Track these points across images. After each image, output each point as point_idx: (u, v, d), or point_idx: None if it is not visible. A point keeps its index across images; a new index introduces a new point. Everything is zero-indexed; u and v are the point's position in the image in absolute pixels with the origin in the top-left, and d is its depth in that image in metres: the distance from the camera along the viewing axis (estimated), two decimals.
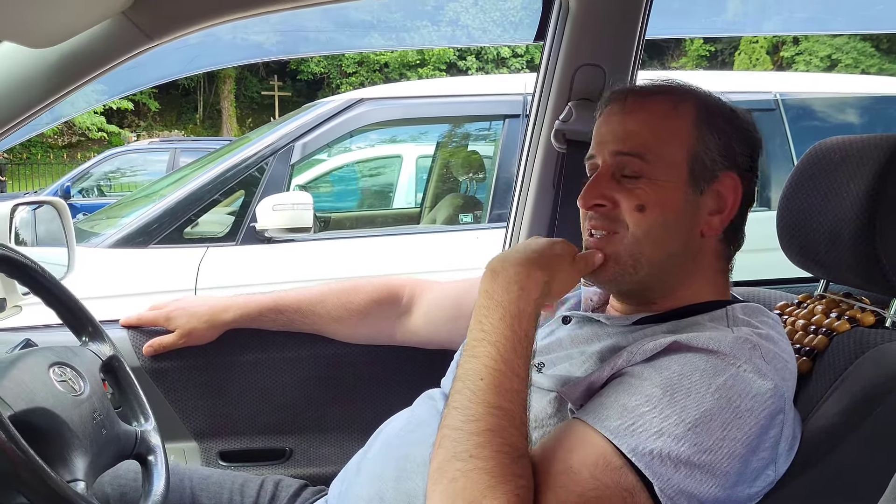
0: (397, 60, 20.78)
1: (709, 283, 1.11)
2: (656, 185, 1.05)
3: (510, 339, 0.93)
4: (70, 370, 1.16)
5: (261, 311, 1.58)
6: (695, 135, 1.07)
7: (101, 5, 1.19)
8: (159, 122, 21.39)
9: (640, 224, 1.05)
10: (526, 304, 0.96)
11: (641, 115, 1.08)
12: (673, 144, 1.06)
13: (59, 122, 2.24)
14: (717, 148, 1.07)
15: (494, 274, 0.99)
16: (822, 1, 2.21)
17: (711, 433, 0.88)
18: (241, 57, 2.17)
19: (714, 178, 1.07)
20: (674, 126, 1.07)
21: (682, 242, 1.07)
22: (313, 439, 1.66)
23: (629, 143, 1.07)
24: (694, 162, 1.06)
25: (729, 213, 1.09)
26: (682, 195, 1.06)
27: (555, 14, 1.60)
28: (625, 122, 1.08)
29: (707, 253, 1.10)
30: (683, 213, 1.06)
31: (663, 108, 1.08)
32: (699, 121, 1.08)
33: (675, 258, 1.07)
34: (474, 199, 4.06)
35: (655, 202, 1.04)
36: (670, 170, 1.05)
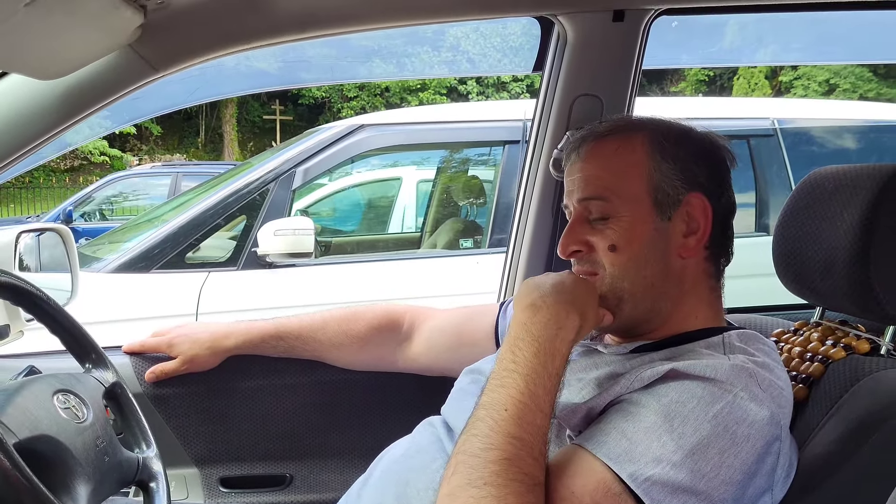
0: (398, 85, 20.90)
1: (701, 304, 1.13)
2: (622, 222, 1.08)
3: (541, 375, 0.95)
4: (74, 397, 1.17)
5: (262, 338, 1.59)
6: (650, 165, 1.10)
7: (109, 39, 1.21)
8: (161, 147, 21.48)
9: (615, 263, 1.08)
10: (562, 345, 0.98)
11: (596, 158, 1.13)
12: (630, 179, 1.10)
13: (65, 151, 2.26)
14: (675, 173, 1.10)
15: (535, 309, 1.01)
16: (818, 31, 2.23)
17: (709, 460, 0.89)
18: (243, 87, 2.20)
19: (678, 202, 1.10)
20: (627, 162, 1.11)
21: (660, 270, 1.09)
22: (314, 466, 1.67)
23: (590, 188, 1.11)
24: (655, 191, 1.09)
25: (703, 232, 1.11)
26: (649, 226, 1.09)
27: (553, 44, 1.62)
28: (583, 168, 1.13)
29: (692, 274, 1.12)
30: (655, 243, 1.09)
31: (614, 146, 1.12)
32: (652, 151, 1.11)
33: (658, 286, 1.10)
34: (475, 223, 4.08)
35: (625, 239, 1.08)
36: (633, 204, 1.09)
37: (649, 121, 1.16)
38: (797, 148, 3.72)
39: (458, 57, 4.21)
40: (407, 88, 20.92)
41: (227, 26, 1.35)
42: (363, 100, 21.24)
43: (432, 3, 1.45)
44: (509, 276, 1.78)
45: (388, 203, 5.14)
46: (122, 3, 1.13)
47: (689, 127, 1.15)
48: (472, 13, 1.51)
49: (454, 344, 1.49)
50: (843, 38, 2.26)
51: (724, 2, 1.54)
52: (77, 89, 1.30)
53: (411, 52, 2.37)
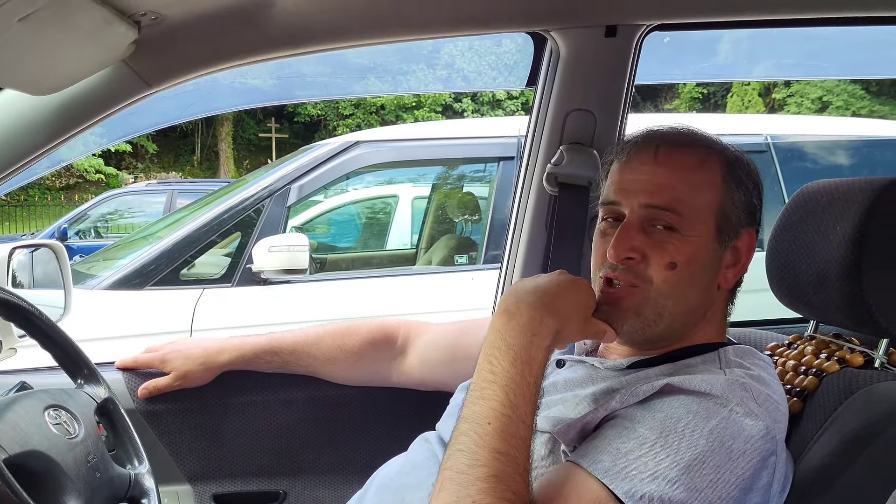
0: (393, 102, 20.99)
1: (714, 325, 1.13)
2: (688, 241, 1.04)
3: (519, 385, 0.92)
4: (65, 413, 1.16)
5: (256, 353, 1.58)
6: (722, 189, 1.07)
7: (103, 54, 1.22)
8: (157, 164, 21.51)
9: (669, 280, 1.04)
10: (537, 352, 0.95)
11: (672, 166, 1.06)
12: (703, 200, 1.06)
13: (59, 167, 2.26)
14: (742, 204, 1.09)
15: (509, 315, 0.98)
16: (811, 46, 2.24)
17: (704, 476, 0.88)
18: (238, 103, 2.20)
19: (738, 234, 1.09)
20: (703, 179, 1.07)
21: (702, 295, 1.08)
22: (308, 482, 1.65)
23: (663, 197, 1.05)
24: (721, 217, 1.07)
25: (743, 266, 1.11)
26: (709, 251, 1.06)
27: (546, 60, 1.63)
28: (656, 173, 1.06)
29: (718, 303, 1.12)
30: (708, 269, 1.07)
31: (693, 160, 1.07)
32: (727, 175, 1.08)
33: (693, 310, 1.08)
34: (469, 240, 4.09)
35: (687, 260, 1.04)
36: (700, 225, 1.05)
37: (719, 142, 1.12)
38: (790, 163, 3.74)
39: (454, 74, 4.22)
40: (402, 106, 21.00)
41: (221, 42, 1.35)
42: (358, 117, 21.33)
43: (426, 18, 1.46)
44: (503, 292, 1.77)
45: (384, 220, 5.15)
46: (116, 18, 1.14)
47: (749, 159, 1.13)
48: (465, 29, 1.52)
49: (448, 358, 1.49)
50: (836, 53, 2.28)
51: (715, 17, 1.55)
52: (71, 104, 1.30)
53: (406, 70, 2.38)
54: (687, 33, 1.73)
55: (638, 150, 1.10)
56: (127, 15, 1.16)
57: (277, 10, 1.32)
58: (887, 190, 1.11)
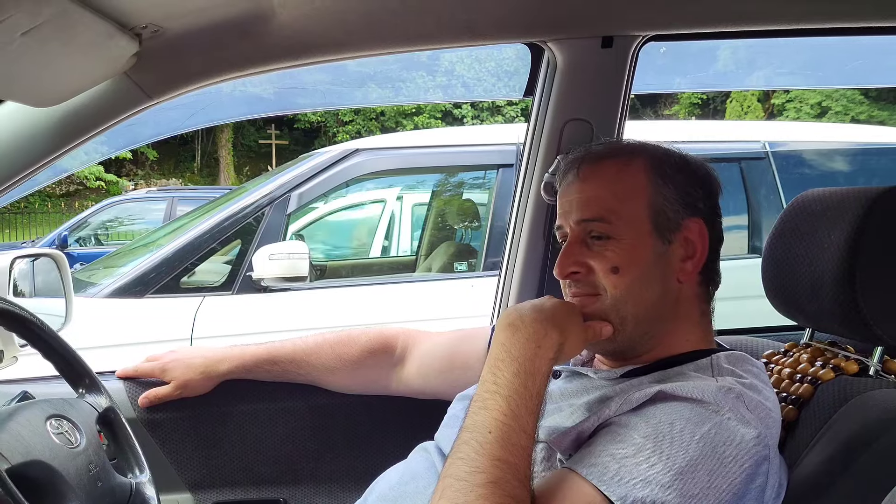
0: (393, 109, 21.03)
1: (694, 327, 1.14)
2: (624, 244, 1.08)
3: (522, 396, 0.94)
4: (67, 423, 1.17)
5: (256, 363, 1.59)
6: (651, 189, 1.10)
7: (105, 66, 1.23)
8: (157, 171, 21.54)
9: (618, 285, 1.08)
10: (541, 364, 0.98)
11: (596, 179, 1.12)
12: (632, 202, 1.10)
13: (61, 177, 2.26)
14: (676, 197, 1.11)
15: (514, 329, 1.00)
16: (809, 55, 2.26)
17: (697, 481, 0.89)
18: (239, 113, 2.21)
19: (678, 226, 1.11)
20: (629, 184, 1.11)
21: (660, 293, 1.10)
22: (308, 490, 1.66)
23: (590, 209, 1.10)
24: (656, 215, 1.10)
25: (700, 257, 1.12)
26: (650, 249, 1.09)
27: (542, 71, 1.65)
28: (582, 189, 1.12)
29: (687, 297, 1.13)
30: (656, 266, 1.09)
31: (615, 168, 1.12)
32: (652, 174, 1.11)
33: (657, 309, 1.10)
34: (469, 247, 4.10)
35: (627, 262, 1.08)
36: (634, 227, 1.09)
37: (647, 145, 1.17)
38: (789, 170, 3.75)
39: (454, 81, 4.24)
40: (402, 113, 21.04)
41: (221, 54, 1.37)
42: (358, 124, 21.37)
43: (423, 30, 1.47)
44: (502, 300, 1.78)
45: (383, 226, 5.16)
46: (117, 31, 1.15)
47: (685, 153, 1.16)
48: (462, 40, 1.53)
49: (446, 367, 1.50)
50: (834, 62, 2.29)
51: (711, 28, 1.57)
52: (72, 116, 1.31)
53: (406, 77, 2.39)
54: (686, 43, 1.74)
55: (565, 174, 1.17)
56: (128, 28, 1.18)
57: (276, 23, 1.34)
58: (881, 199, 1.12)
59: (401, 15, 1.43)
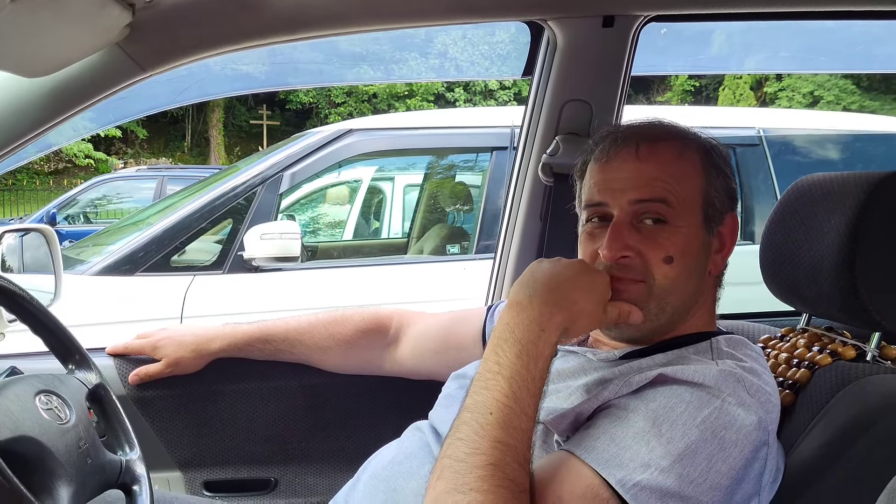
0: (386, 91, 20.94)
1: (705, 313, 1.14)
2: (679, 232, 1.05)
3: (524, 378, 0.93)
4: (56, 398, 1.15)
5: (248, 341, 1.58)
6: (705, 178, 1.09)
7: (97, 37, 1.20)
8: (147, 150, 21.40)
9: (669, 275, 1.05)
10: (545, 347, 0.96)
11: (655, 160, 1.07)
12: (689, 189, 1.07)
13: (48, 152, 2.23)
14: (724, 189, 1.11)
15: (520, 308, 0.98)
16: (805, 40, 2.25)
17: (697, 465, 0.89)
18: (231, 88, 2.18)
19: (722, 219, 1.11)
20: (686, 170, 1.08)
21: (697, 284, 1.10)
22: (299, 469, 1.65)
23: (651, 190, 1.06)
24: (707, 205, 1.09)
25: (728, 250, 1.12)
26: (699, 240, 1.08)
27: (542, 50, 1.63)
28: (640, 168, 1.07)
29: (709, 289, 1.13)
30: (700, 257, 1.09)
31: (674, 152, 1.09)
32: (707, 163, 1.10)
33: (691, 300, 1.10)
34: (461, 229, 4.08)
35: (681, 252, 1.05)
36: (688, 214, 1.07)
37: (694, 131, 1.14)
38: (782, 157, 3.75)
39: (447, 63, 4.22)
40: (395, 95, 20.96)
41: (217, 26, 1.34)
42: (350, 105, 21.27)
43: (423, 6, 1.45)
44: (497, 282, 1.77)
45: (376, 208, 5.14)
46: (109, 1, 1.12)
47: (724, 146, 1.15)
48: (461, 17, 1.51)
49: (440, 348, 1.49)
50: (830, 47, 2.29)
51: (713, 9, 1.55)
52: (63, 88, 1.29)
53: (399, 58, 2.37)
54: (680, 25, 1.73)
55: (618, 148, 1.10)
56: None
57: None
58: (882, 185, 1.12)
59: None
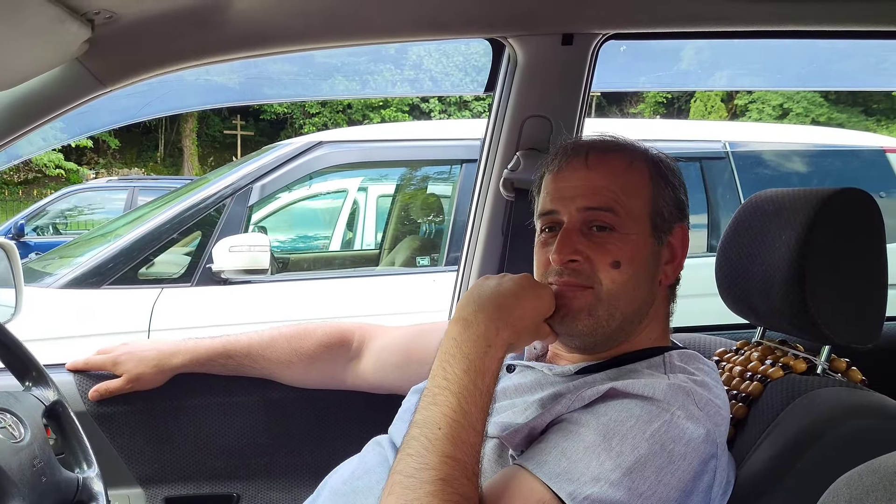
0: (360, 102, 20.92)
1: (658, 326, 1.15)
2: (627, 239, 1.08)
3: (472, 393, 0.94)
4: (10, 416, 1.15)
5: (210, 356, 1.57)
6: (652, 188, 1.11)
7: (56, 52, 1.20)
8: (119, 160, 21.17)
9: (616, 280, 1.07)
10: (492, 362, 0.97)
11: (605, 169, 1.10)
12: (636, 198, 1.10)
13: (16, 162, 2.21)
14: (672, 200, 1.13)
15: (466, 324, 1.00)
16: (772, 57, 2.29)
17: (646, 479, 0.90)
18: (203, 102, 2.18)
19: (671, 229, 1.13)
20: (635, 180, 1.11)
21: (647, 293, 1.11)
22: (261, 485, 1.64)
23: (599, 198, 1.08)
24: (655, 215, 1.11)
25: (679, 261, 1.14)
26: (647, 248, 1.10)
27: (503, 66, 1.65)
28: (589, 177, 1.10)
29: (660, 301, 1.15)
30: (649, 266, 1.10)
31: (623, 163, 1.12)
32: (654, 175, 1.12)
33: (641, 309, 1.11)
34: (432, 241, 4.09)
35: (629, 257, 1.07)
36: (636, 223, 1.09)
37: (642, 145, 1.17)
38: (748, 170, 3.81)
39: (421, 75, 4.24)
40: (369, 106, 20.96)
41: (177, 42, 1.34)
42: (325, 116, 21.22)
43: (385, 22, 1.46)
44: (460, 295, 1.78)
45: (347, 220, 5.13)
46: (68, 16, 1.12)
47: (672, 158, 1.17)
48: (425, 34, 1.52)
49: (402, 362, 1.49)
50: (794, 64, 2.33)
51: (671, 28, 1.58)
52: (22, 102, 1.28)
53: (374, 70, 2.38)
54: (648, 42, 1.76)
55: (569, 158, 1.13)
56: (80, 13, 1.15)
57: (233, 12, 1.32)
58: (830, 201, 1.14)
59: (363, 7, 1.41)
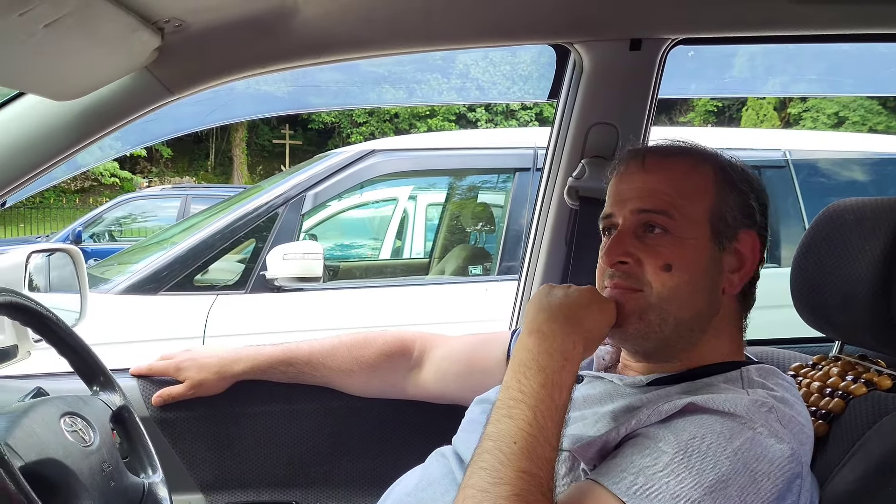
0: (407, 111, 21.03)
1: (727, 342, 1.11)
2: (681, 242, 1.05)
3: (549, 408, 0.92)
4: (81, 420, 1.15)
5: (271, 364, 1.57)
6: (715, 193, 1.08)
7: (126, 61, 1.22)
8: (171, 169, 21.61)
9: (667, 283, 1.05)
10: (568, 377, 0.96)
11: (663, 173, 1.09)
12: (695, 202, 1.07)
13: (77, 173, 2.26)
14: (737, 206, 1.09)
15: (542, 336, 0.98)
16: (829, 62, 2.24)
17: (728, 498, 0.86)
18: (255, 111, 2.20)
19: (735, 235, 1.08)
20: (695, 184, 1.08)
21: (708, 301, 1.07)
22: (321, 493, 1.64)
23: (653, 201, 1.07)
24: (716, 220, 1.07)
25: (748, 270, 1.10)
26: (705, 253, 1.07)
27: (569, 73, 1.62)
28: (646, 180, 1.09)
29: (727, 312, 1.10)
30: (708, 272, 1.07)
31: (684, 166, 1.10)
32: (719, 179, 1.09)
33: (700, 317, 1.08)
34: (483, 250, 4.07)
35: (681, 261, 1.05)
36: (694, 227, 1.06)
37: (713, 150, 1.14)
38: (809, 179, 3.71)
39: (468, 84, 4.24)
40: (416, 115, 21.04)
41: (244, 50, 1.35)
42: (372, 125, 21.37)
43: (450, 30, 1.46)
44: (521, 305, 1.76)
45: (397, 228, 5.14)
46: (140, 25, 1.13)
47: (749, 168, 1.14)
48: (489, 40, 1.51)
49: (464, 371, 1.47)
50: (855, 70, 2.27)
51: (740, 32, 1.54)
52: (92, 111, 1.30)
53: (421, 79, 2.38)
54: (704, 48, 1.72)
55: (627, 162, 1.13)
56: (151, 22, 1.16)
57: (300, 19, 1.32)
58: None
59: (427, 14, 1.41)
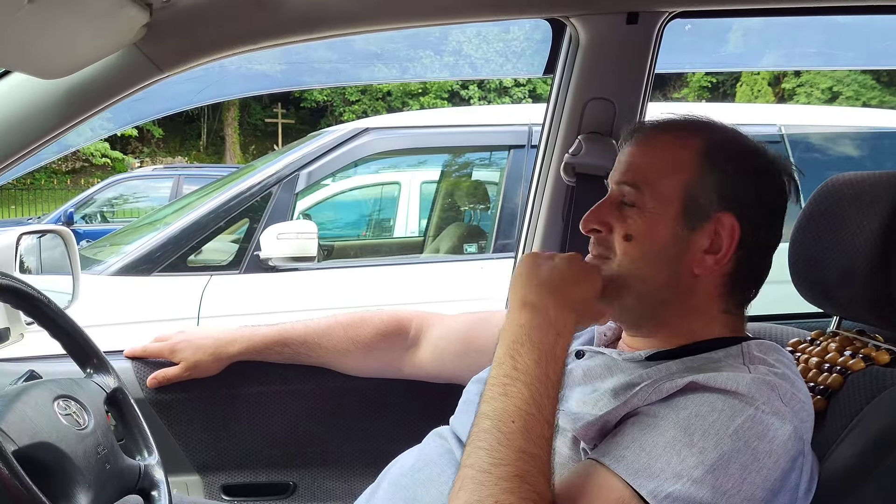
0: (400, 89, 20.90)
1: (714, 322, 1.08)
2: (645, 215, 1.05)
3: (544, 383, 0.91)
4: (74, 403, 1.14)
5: (266, 344, 1.57)
6: (694, 171, 1.05)
7: (114, 37, 1.19)
8: (163, 149, 21.48)
9: (627, 253, 1.06)
10: (562, 351, 0.95)
11: (645, 147, 1.10)
12: (669, 178, 1.06)
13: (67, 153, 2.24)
14: (716, 186, 1.05)
15: (533, 310, 0.97)
16: (825, 36, 2.22)
17: (730, 476, 0.86)
18: (247, 88, 2.18)
19: (708, 217, 1.05)
20: (673, 159, 1.07)
21: (669, 277, 1.05)
22: (317, 473, 1.64)
23: (628, 174, 1.09)
24: (688, 199, 1.05)
25: (724, 254, 1.05)
26: (669, 229, 1.05)
27: (564, 48, 1.60)
28: (630, 153, 1.11)
29: (704, 292, 1.07)
30: (669, 248, 1.05)
31: (665, 142, 1.10)
32: (701, 158, 1.06)
33: (662, 293, 1.06)
34: (478, 228, 4.06)
35: (640, 233, 1.05)
36: (661, 202, 1.05)
37: (712, 126, 1.12)
38: (804, 154, 3.70)
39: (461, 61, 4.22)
40: (408, 92, 20.91)
41: (234, 26, 1.33)
42: (365, 103, 21.24)
43: (444, 3, 1.43)
44: None
45: (391, 206, 5.12)
46: (127, 1, 1.11)
47: (755, 146, 1.10)
48: (482, 14, 1.49)
49: (461, 350, 1.47)
50: (853, 43, 2.25)
51: (738, 4, 1.52)
52: (80, 89, 1.28)
53: (414, 56, 2.36)
54: (700, 21, 1.69)
55: (625, 137, 1.15)
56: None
57: None
58: None
59: None
